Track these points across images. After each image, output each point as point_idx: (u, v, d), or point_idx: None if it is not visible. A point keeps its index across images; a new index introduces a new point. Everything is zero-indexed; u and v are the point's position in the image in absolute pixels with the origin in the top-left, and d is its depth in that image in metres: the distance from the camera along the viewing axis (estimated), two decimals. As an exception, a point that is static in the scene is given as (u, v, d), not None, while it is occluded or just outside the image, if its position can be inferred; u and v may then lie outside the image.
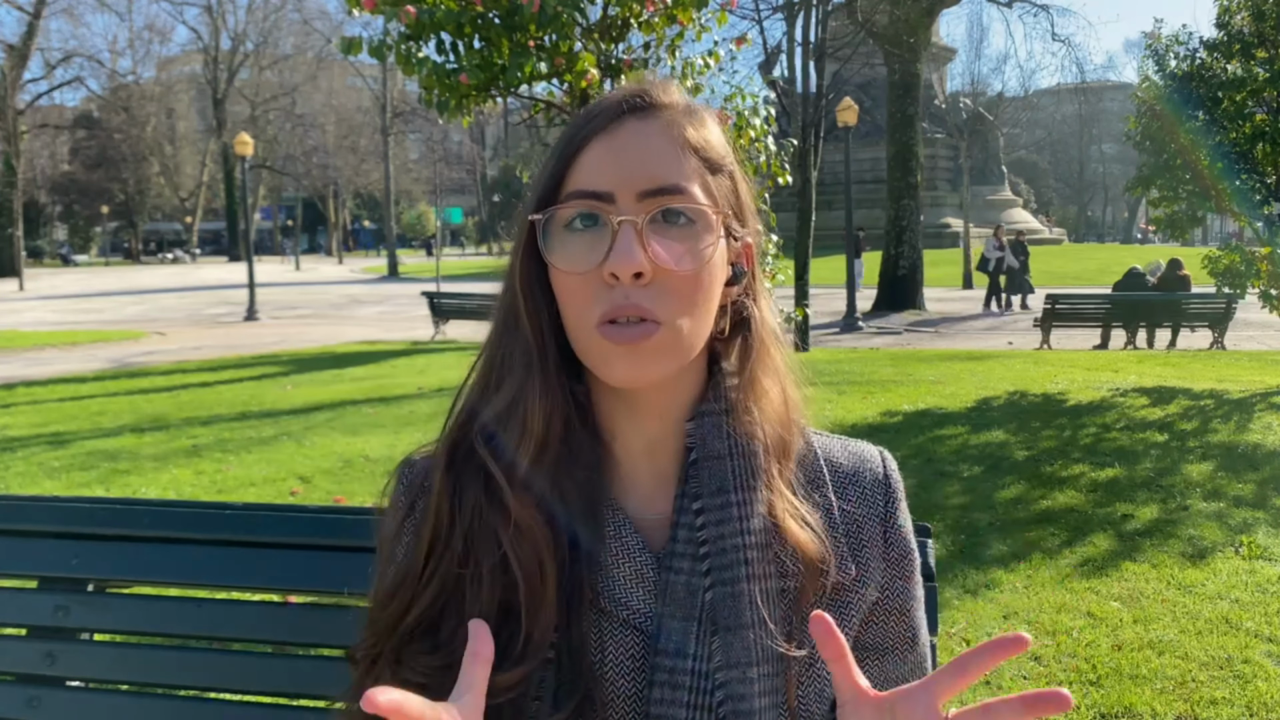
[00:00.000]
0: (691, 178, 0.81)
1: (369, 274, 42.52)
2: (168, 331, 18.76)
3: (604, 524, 0.83)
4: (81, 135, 58.81)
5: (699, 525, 0.82)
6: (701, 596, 0.80)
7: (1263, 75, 9.02)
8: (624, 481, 0.87)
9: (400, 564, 0.85)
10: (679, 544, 0.82)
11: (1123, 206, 67.56)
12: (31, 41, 39.85)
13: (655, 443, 0.86)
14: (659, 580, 0.82)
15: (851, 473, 0.90)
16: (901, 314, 19.59)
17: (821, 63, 15.15)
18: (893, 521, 0.90)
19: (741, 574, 0.80)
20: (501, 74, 5.39)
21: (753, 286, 0.90)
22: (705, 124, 0.85)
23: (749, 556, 0.81)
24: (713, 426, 0.85)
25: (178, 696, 1.52)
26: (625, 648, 0.81)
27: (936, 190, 37.68)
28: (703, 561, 0.81)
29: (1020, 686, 3.18)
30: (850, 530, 0.87)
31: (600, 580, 0.82)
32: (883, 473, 0.92)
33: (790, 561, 0.82)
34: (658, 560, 0.83)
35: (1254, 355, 11.89)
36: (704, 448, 0.84)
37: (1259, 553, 4.41)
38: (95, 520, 1.55)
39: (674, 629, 0.80)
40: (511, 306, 0.85)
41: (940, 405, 8.07)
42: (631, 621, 0.81)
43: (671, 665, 0.79)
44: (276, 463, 6.62)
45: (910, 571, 0.91)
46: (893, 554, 0.89)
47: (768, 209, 6.16)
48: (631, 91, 0.84)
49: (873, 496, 0.90)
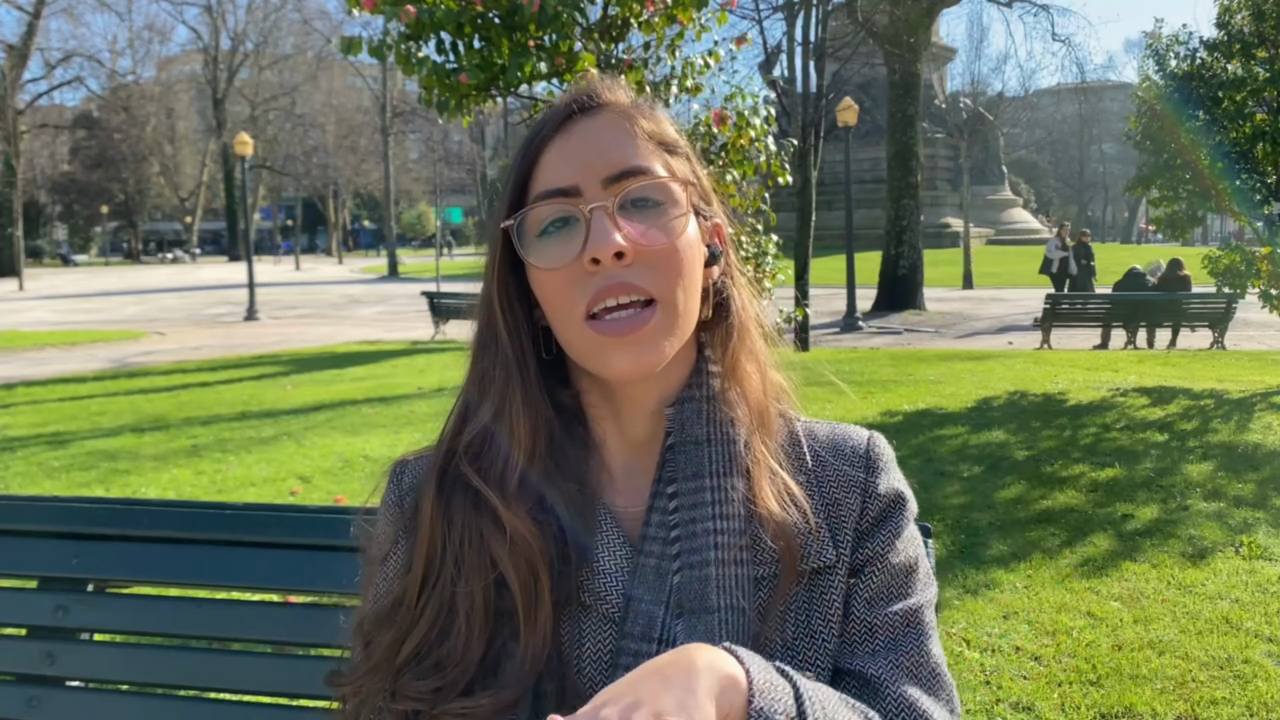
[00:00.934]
0: (650, 158, 0.82)
1: (369, 274, 42.52)
2: (167, 331, 18.75)
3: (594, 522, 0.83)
4: (81, 135, 58.81)
5: (672, 509, 0.82)
6: (669, 580, 0.80)
7: (1263, 75, 9.02)
8: (611, 477, 0.87)
9: (392, 592, 0.85)
10: (651, 528, 0.82)
11: (1123, 206, 67.57)
12: (31, 41, 39.85)
13: (642, 436, 0.87)
14: (631, 568, 0.82)
15: (831, 449, 0.89)
16: (901, 314, 19.60)
17: (821, 63, 15.15)
18: (873, 489, 0.87)
19: (710, 558, 0.79)
20: (501, 74, 5.38)
21: (730, 270, 0.90)
22: (655, 113, 0.87)
23: (719, 541, 0.80)
24: (693, 412, 0.85)
25: (178, 696, 1.52)
26: (603, 641, 0.80)
27: (936, 190, 37.67)
28: (673, 545, 0.81)
29: (1020, 686, 3.18)
30: (830, 509, 0.85)
31: (582, 576, 0.81)
32: (864, 447, 0.89)
33: (770, 548, 0.81)
34: (634, 550, 0.82)
35: (1254, 355, 11.88)
36: (683, 433, 0.84)
37: (1259, 553, 4.41)
38: (95, 520, 1.55)
39: (641, 613, 0.79)
40: (489, 321, 0.85)
41: (940, 405, 8.06)
42: (609, 615, 0.81)
43: (636, 649, 0.78)
44: (276, 463, 6.62)
45: (885, 535, 0.86)
46: (867, 518, 0.86)
47: (768, 209, 6.16)
48: (577, 93, 0.86)
49: (852, 469, 0.88)
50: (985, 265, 29.36)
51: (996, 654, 3.43)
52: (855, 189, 19.67)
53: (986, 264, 29.97)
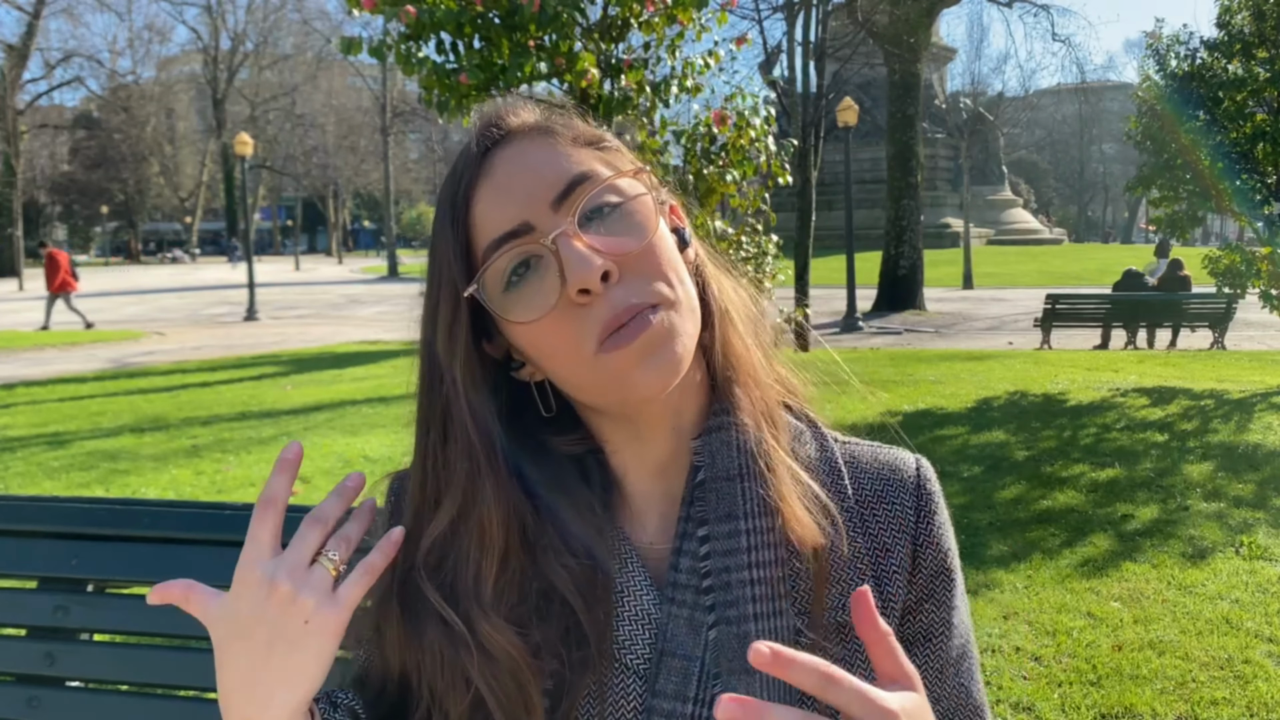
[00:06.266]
0: (586, 162, 0.75)
1: (369, 274, 42.52)
2: (167, 331, 18.75)
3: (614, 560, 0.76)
4: (81, 135, 58.78)
5: (703, 555, 0.75)
6: (704, 634, 0.73)
7: (1263, 75, 9.02)
8: (633, 512, 0.80)
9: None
10: (681, 574, 0.75)
11: (1123, 206, 67.57)
12: (31, 41, 39.88)
13: (665, 463, 0.80)
14: (659, 617, 0.75)
15: (876, 480, 0.81)
16: (901, 314, 19.59)
17: (821, 63, 15.16)
18: (925, 536, 0.80)
19: (749, 612, 0.73)
20: (501, 74, 5.39)
21: (700, 253, 0.83)
22: (568, 118, 0.80)
23: (758, 593, 0.73)
24: (722, 443, 0.77)
25: (178, 696, 1.52)
26: (627, 695, 0.74)
27: (936, 190, 37.68)
28: (706, 595, 0.74)
29: (1020, 686, 3.18)
30: (876, 552, 0.78)
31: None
32: (915, 481, 0.82)
33: (806, 583, 0.75)
34: (660, 595, 0.76)
35: (1254, 355, 11.88)
36: (713, 467, 0.77)
37: (1259, 553, 4.41)
38: (95, 520, 1.55)
39: (674, 669, 0.73)
40: (445, 412, 0.75)
41: (940, 405, 8.06)
42: (633, 666, 0.74)
43: (669, 709, 0.72)
44: (276, 463, 6.62)
45: (944, 595, 0.80)
46: (923, 573, 0.79)
47: (768, 209, 6.17)
48: (483, 127, 0.78)
49: (902, 509, 0.80)
50: (985, 265, 29.37)
51: (996, 654, 3.43)
52: (855, 189, 19.66)
53: (986, 264, 29.98)
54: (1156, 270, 15.72)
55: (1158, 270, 15.58)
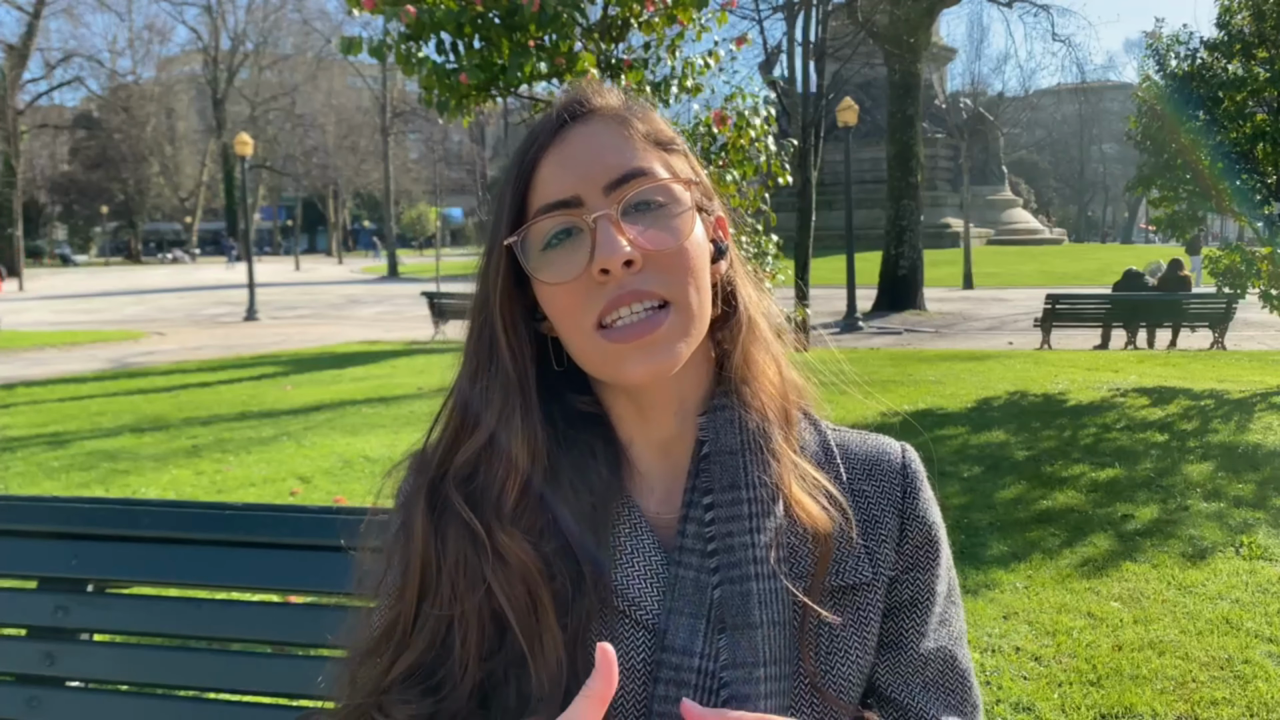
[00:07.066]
0: (649, 159, 0.81)
1: (369, 274, 42.53)
2: (167, 332, 18.76)
3: (619, 522, 0.82)
4: (81, 135, 58.80)
5: (708, 520, 0.81)
6: (709, 594, 0.79)
7: (1263, 75, 9.02)
8: (641, 480, 0.85)
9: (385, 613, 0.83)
10: (688, 539, 0.81)
11: (1123, 206, 67.55)
12: (31, 41, 39.87)
13: (669, 440, 0.85)
14: (668, 576, 0.81)
15: (865, 463, 0.89)
16: (901, 314, 19.59)
17: (821, 63, 15.17)
18: (911, 510, 0.87)
19: (750, 572, 0.79)
20: (501, 74, 5.38)
21: (734, 265, 0.89)
22: (647, 113, 0.86)
23: (759, 555, 0.79)
24: (725, 421, 0.84)
25: (178, 696, 1.52)
26: (636, 648, 0.79)
27: (936, 190, 37.69)
28: (711, 558, 0.80)
29: (1020, 687, 3.18)
30: (866, 526, 0.85)
31: (615, 580, 0.80)
32: (900, 461, 0.90)
33: (808, 558, 0.81)
34: (668, 557, 0.81)
35: (1254, 355, 11.88)
36: (716, 441, 0.83)
37: (1259, 553, 4.41)
38: (95, 520, 1.55)
39: (681, 626, 0.78)
40: (489, 340, 0.83)
41: (940, 405, 8.07)
42: (643, 621, 0.80)
43: (678, 663, 0.78)
44: (276, 463, 6.62)
45: (929, 564, 0.88)
46: (909, 544, 0.87)
47: (768, 209, 6.16)
48: (567, 101, 0.84)
49: (889, 486, 0.88)
50: (985, 265, 29.38)
51: (996, 654, 3.43)
52: (855, 189, 19.67)
53: (986, 264, 29.98)
54: (1156, 270, 15.72)
55: (1160, 270, 15.58)
